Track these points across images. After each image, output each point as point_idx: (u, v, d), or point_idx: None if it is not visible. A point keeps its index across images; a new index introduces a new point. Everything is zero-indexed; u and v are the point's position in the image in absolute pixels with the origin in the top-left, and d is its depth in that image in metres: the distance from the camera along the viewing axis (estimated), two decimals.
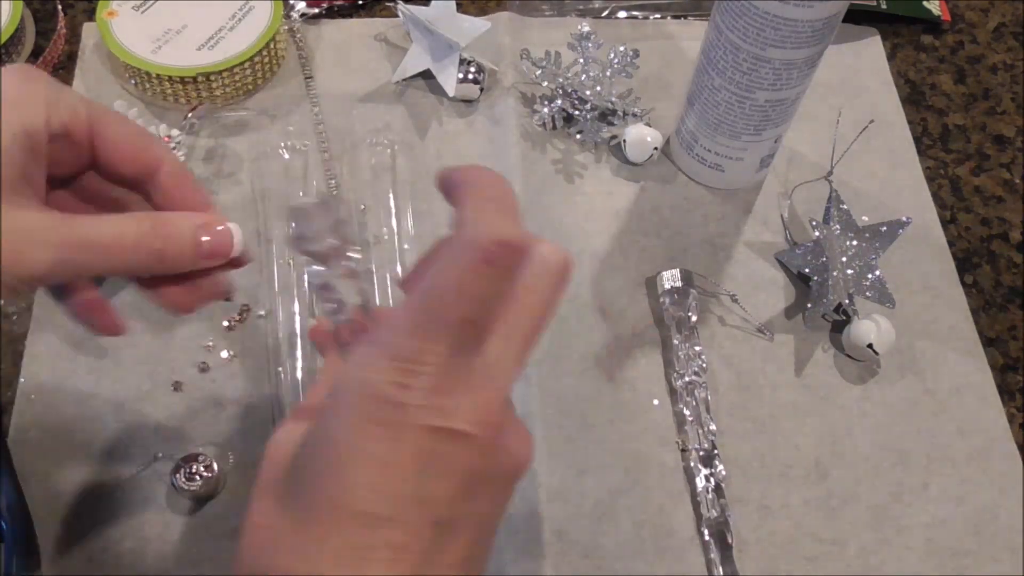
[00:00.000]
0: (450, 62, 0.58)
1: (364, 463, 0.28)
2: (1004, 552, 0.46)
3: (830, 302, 0.51)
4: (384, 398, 0.28)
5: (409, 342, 0.28)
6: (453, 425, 0.28)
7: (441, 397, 0.28)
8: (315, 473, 0.28)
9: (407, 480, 0.28)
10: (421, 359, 0.28)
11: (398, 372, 0.28)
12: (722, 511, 0.46)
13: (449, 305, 0.28)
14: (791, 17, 0.46)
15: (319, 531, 0.28)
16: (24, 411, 0.47)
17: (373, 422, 0.28)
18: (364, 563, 0.28)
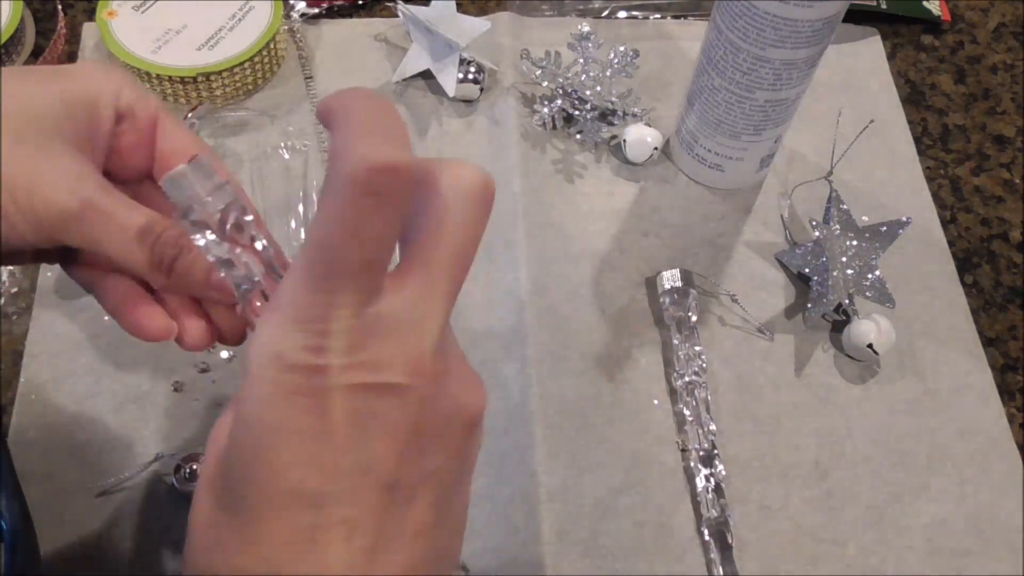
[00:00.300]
0: (450, 62, 0.58)
1: (293, 440, 0.25)
2: (1004, 552, 0.46)
3: (830, 302, 0.51)
4: (300, 366, 0.25)
5: (312, 299, 0.25)
6: (382, 379, 0.26)
7: (362, 352, 0.25)
8: (244, 461, 0.26)
9: (344, 448, 0.26)
10: (329, 315, 0.25)
11: (309, 335, 0.25)
12: (722, 511, 0.46)
13: (342, 250, 0.25)
14: (791, 17, 0.46)
15: (260, 521, 0.26)
16: (24, 411, 0.47)
17: (294, 394, 0.25)
18: (316, 546, 0.26)
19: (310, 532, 0.26)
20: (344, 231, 0.24)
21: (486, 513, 0.45)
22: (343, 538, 0.26)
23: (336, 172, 0.24)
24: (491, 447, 0.47)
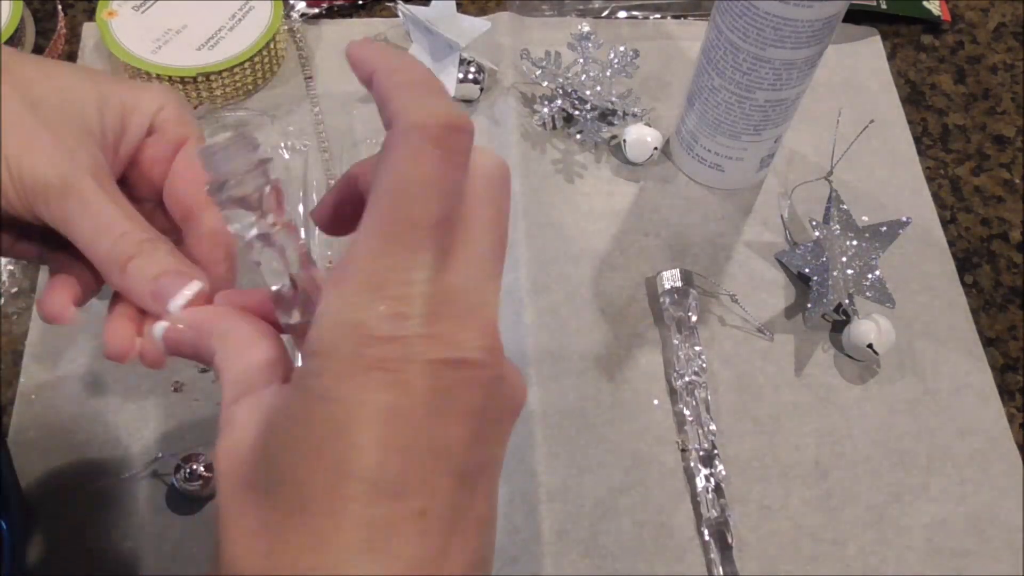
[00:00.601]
0: (450, 62, 0.58)
1: (370, 417, 0.23)
2: (1004, 552, 0.46)
3: (830, 302, 0.51)
4: (380, 337, 0.23)
5: (390, 260, 0.24)
6: (462, 355, 0.24)
7: (440, 323, 0.24)
8: (309, 443, 0.24)
9: (423, 429, 0.24)
10: (410, 277, 0.24)
11: (390, 300, 0.24)
12: (722, 511, 0.46)
13: (420, 203, 0.24)
14: (791, 17, 0.46)
15: (333, 515, 0.23)
16: (24, 411, 0.47)
17: (372, 367, 0.23)
18: (392, 541, 0.23)
19: (389, 524, 0.23)
20: (421, 183, 0.24)
21: None
22: (419, 532, 0.24)
23: (404, 128, 0.24)
24: None
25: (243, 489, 0.25)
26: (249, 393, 0.27)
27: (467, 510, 0.25)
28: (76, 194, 0.31)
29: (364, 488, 0.23)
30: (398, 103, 0.25)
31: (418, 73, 0.26)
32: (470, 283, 0.25)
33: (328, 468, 0.23)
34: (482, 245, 0.26)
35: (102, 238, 0.31)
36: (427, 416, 0.24)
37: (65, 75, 0.33)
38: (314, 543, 0.23)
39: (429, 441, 0.24)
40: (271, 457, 0.25)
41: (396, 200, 0.24)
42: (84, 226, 0.31)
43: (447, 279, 0.25)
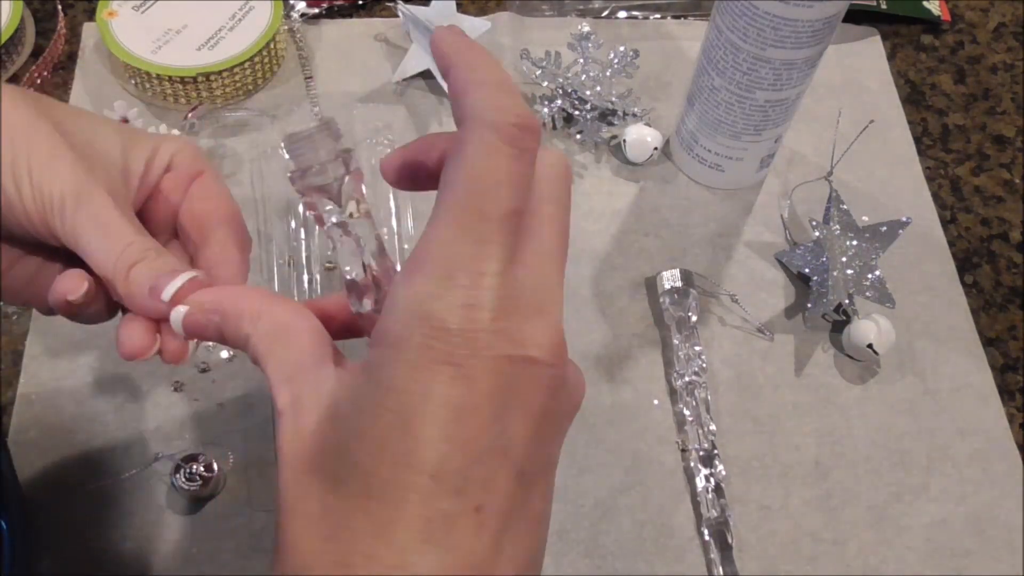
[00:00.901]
0: None
1: (436, 411, 0.24)
2: (1004, 552, 0.46)
3: (830, 302, 0.51)
4: (449, 328, 0.24)
5: (462, 249, 0.24)
6: (528, 352, 0.25)
7: (508, 319, 0.24)
8: (376, 433, 0.24)
9: (486, 426, 0.24)
10: (479, 268, 0.24)
11: (460, 290, 0.24)
12: (722, 511, 0.46)
13: (492, 196, 0.25)
14: (791, 17, 0.46)
15: (398, 503, 0.24)
16: (24, 411, 0.47)
17: (440, 360, 0.24)
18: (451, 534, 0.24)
19: (448, 518, 0.24)
20: (493, 177, 0.25)
21: None
22: (475, 527, 0.24)
23: (478, 125, 0.25)
24: None
25: (307, 475, 0.25)
26: (300, 376, 0.27)
27: (523, 508, 0.26)
28: (89, 205, 0.31)
29: (426, 481, 0.24)
30: (473, 100, 0.26)
31: (494, 72, 0.27)
32: (537, 279, 0.26)
33: (392, 459, 0.24)
34: (548, 242, 0.27)
35: (110, 248, 0.31)
36: (491, 413, 0.24)
37: (93, 119, 0.35)
38: (374, 530, 0.24)
39: (492, 439, 0.24)
40: (337, 445, 0.25)
41: (468, 193, 0.25)
42: (94, 236, 0.31)
43: (516, 274, 0.25)
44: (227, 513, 0.45)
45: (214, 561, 0.44)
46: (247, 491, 0.45)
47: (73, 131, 0.33)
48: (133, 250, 0.31)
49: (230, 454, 0.46)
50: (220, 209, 0.35)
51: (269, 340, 0.29)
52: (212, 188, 0.36)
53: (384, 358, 0.25)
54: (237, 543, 0.44)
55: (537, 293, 0.26)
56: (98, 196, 0.32)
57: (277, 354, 0.28)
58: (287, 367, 0.28)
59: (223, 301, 0.30)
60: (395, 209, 0.54)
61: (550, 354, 0.25)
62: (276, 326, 0.29)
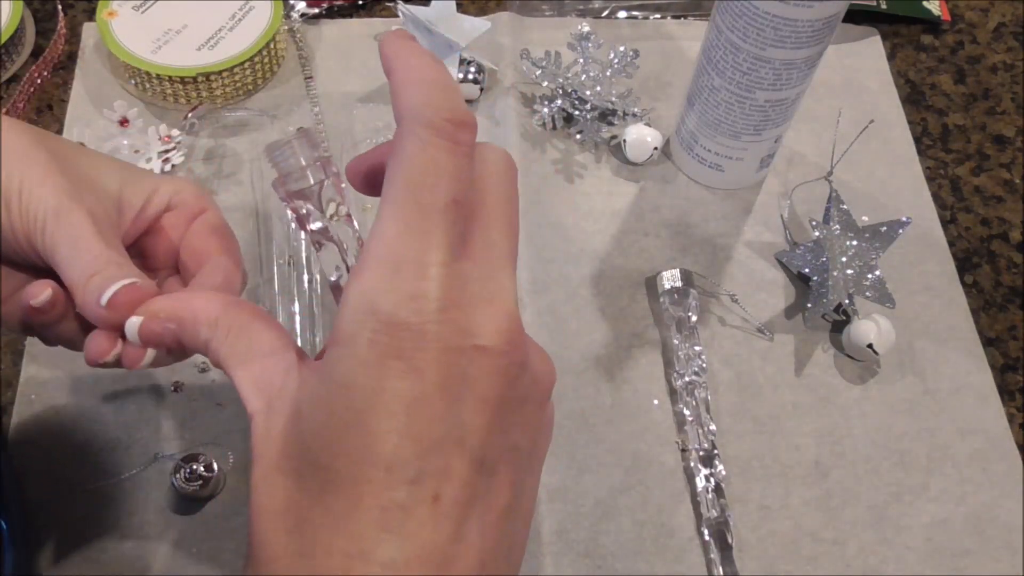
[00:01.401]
0: (450, 62, 0.58)
1: (388, 405, 0.24)
2: (1004, 552, 0.46)
3: (830, 302, 0.51)
4: (397, 322, 0.24)
5: (403, 245, 0.25)
6: (478, 341, 0.25)
7: (456, 310, 0.25)
8: (332, 430, 0.25)
9: (438, 417, 0.25)
10: (424, 259, 0.25)
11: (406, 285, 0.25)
12: (722, 511, 0.46)
13: (429, 188, 0.25)
14: (791, 17, 0.46)
15: (354, 496, 0.25)
16: (24, 411, 0.47)
17: (390, 354, 0.24)
18: (408, 523, 0.25)
19: (403, 508, 0.25)
20: (429, 169, 0.25)
21: None
22: (432, 516, 0.25)
23: (411, 122, 0.26)
24: None
25: (273, 472, 0.26)
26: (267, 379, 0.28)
27: (485, 498, 0.26)
28: (67, 222, 0.32)
29: (381, 473, 0.24)
30: (407, 98, 0.27)
31: (430, 71, 0.27)
32: (485, 271, 0.26)
33: (348, 453, 0.25)
34: (495, 234, 0.27)
35: (78, 259, 0.32)
36: (443, 404, 0.25)
37: (98, 156, 0.36)
38: (334, 522, 0.25)
39: (445, 429, 0.25)
40: (298, 443, 0.26)
41: (407, 187, 0.25)
42: (67, 250, 0.32)
43: (462, 265, 0.26)
44: (227, 513, 0.45)
45: (214, 561, 0.44)
46: (247, 491, 0.45)
47: (70, 161, 0.34)
48: (96, 262, 0.32)
49: (230, 454, 0.46)
50: (219, 244, 0.37)
51: (230, 344, 0.29)
52: (213, 225, 0.37)
53: (337, 356, 0.25)
54: (237, 543, 0.44)
55: (487, 284, 0.26)
56: (77, 214, 0.33)
57: (240, 357, 0.29)
58: (253, 370, 0.29)
59: (178, 309, 0.31)
60: None
61: (502, 342, 0.26)
62: (235, 329, 0.30)
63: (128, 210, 0.36)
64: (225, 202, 0.54)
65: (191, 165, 0.55)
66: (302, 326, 0.50)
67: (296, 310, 0.50)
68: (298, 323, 0.50)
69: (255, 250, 0.53)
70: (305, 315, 0.50)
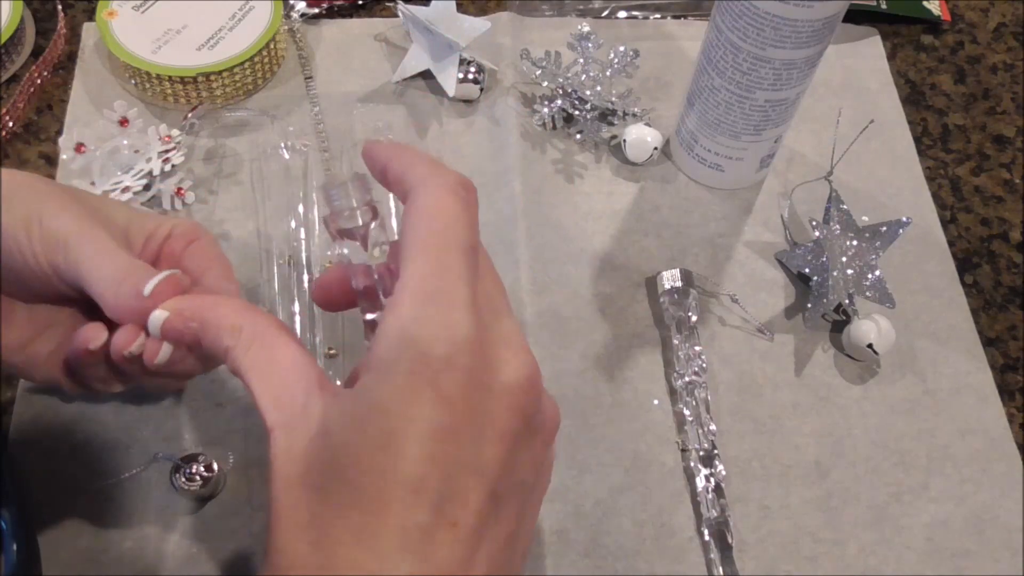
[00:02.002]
0: (450, 62, 0.58)
1: (419, 431, 0.26)
2: (1004, 552, 0.46)
3: (830, 302, 0.51)
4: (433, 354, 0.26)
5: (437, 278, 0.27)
6: (502, 378, 0.27)
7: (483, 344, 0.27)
8: (363, 450, 0.26)
9: (463, 447, 0.26)
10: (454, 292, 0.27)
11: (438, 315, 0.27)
12: (722, 511, 0.46)
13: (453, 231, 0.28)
14: (791, 17, 0.46)
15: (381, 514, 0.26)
16: (24, 411, 0.47)
17: (424, 383, 0.26)
18: (428, 546, 0.26)
19: (424, 530, 0.26)
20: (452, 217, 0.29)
21: None
22: (450, 540, 0.26)
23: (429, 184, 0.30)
24: None
25: (298, 486, 0.27)
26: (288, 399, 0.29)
27: (495, 527, 0.27)
28: (90, 240, 0.35)
29: (407, 495, 0.26)
30: (418, 172, 0.30)
31: (426, 155, 0.31)
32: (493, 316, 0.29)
33: (378, 473, 0.26)
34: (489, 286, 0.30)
35: (106, 268, 0.34)
36: (468, 434, 0.26)
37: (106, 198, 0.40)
38: (357, 538, 0.26)
39: (469, 459, 0.26)
40: (327, 460, 0.27)
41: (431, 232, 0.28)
42: (93, 264, 0.34)
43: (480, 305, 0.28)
44: (227, 513, 0.45)
45: (214, 561, 0.44)
46: (247, 491, 0.45)
47: (81, 198, 0.37)
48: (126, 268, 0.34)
49: (230, 454, 0.46)
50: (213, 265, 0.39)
51: (252, 355, 0.31)
52: (207, 250, 0.39)
53: (373, 382, 0.27)
54: (237, 543, 0.44)
55: (500, 327, 0.29)
56: (97, 231, 0.35)
57: (260, 370, 0.30)
58: (272, 384, 0.30)
59: (204, 310, 0.33)
60: (395, 209, 0.54)
61: (523, 379, 0.28)
62: (258, 340, 0.31)
63: (133, 244, 0.38)
64: (225, 202, 0.54)
65: (191, 165, 0.55)
66: (302, 326, 0.50)
67: (296, 310, 0.50)
68: (298, 323, 0.50)
69: (255, 250, 0.53)
70: (305, 315, 0.50)
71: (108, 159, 0.53)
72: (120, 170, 0.52)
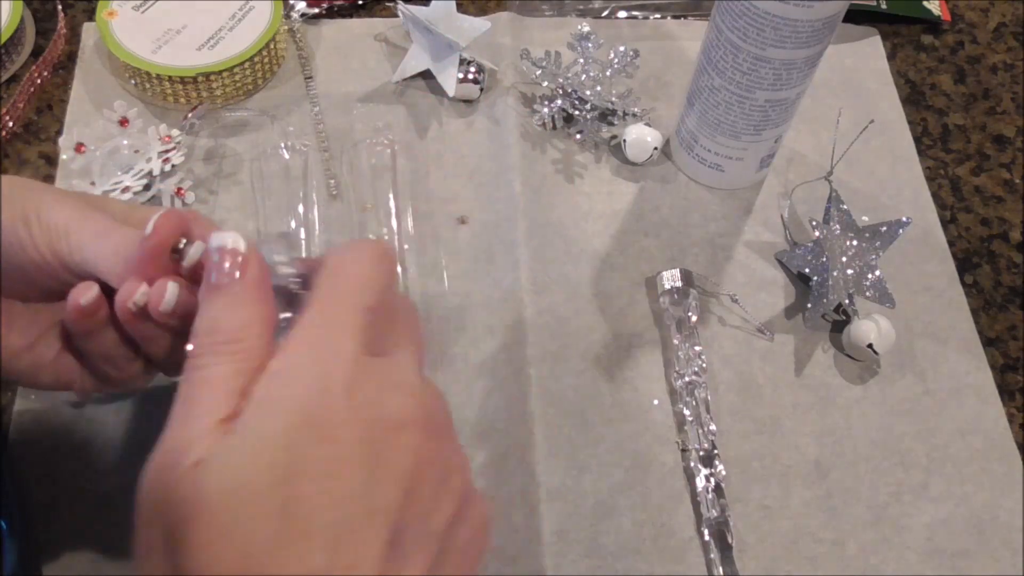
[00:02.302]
0: (450, 62, 0.58)
1: (308, 473, 0.25)
2: (1004, 552, 0.46)
3: (830, 302, 0.51)
4: (311, 399, 0.26)
5: (325, 333, 0.28)
6: (390, 417, 0.27)
7: (367, 392, 0.27)
8: (253, 494, 0.25)
9: (355, 486, 0.26)
10: (340, 347, 0.28)
11: (318, 367, 0.27)
12: (722, 511, 0.46)
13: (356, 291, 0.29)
14: (791, 17, 0.46)
15: (274, 561, 0.25)
16: (24, 411, 0.47)
17: (312, 424, 0.26)
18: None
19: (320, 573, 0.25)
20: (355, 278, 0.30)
21: None
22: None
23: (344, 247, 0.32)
24: (491, 447, 0.47)
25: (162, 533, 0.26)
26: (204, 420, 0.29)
27: (399, 572, 0.26)
28: (91, 220, 0.35)
29: (299, 536, 0.25)
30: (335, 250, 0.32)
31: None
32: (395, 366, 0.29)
33: (270, 515, 0.25)
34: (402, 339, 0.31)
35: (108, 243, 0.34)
36: (360, 473, 0.26)
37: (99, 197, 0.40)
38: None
39: (360, 498, 0.26)
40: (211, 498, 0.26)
41: (333, 285, 0.30)
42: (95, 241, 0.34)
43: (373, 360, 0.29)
44: None
45: None
46: None
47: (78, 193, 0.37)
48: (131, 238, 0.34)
49: None
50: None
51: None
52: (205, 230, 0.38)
53: (253, 421, 0.27)
54: None
55: (395, 375, 0.29)
56: (98, 215, 0.35)
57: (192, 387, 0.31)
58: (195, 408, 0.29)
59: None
60: (395, 209, 0.54)
61: (411, 420, 0.28)
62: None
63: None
64: (225, 202, 0.54)
65: (191, 165, 0.55)
66: None
67: None
68: None
69: None
70: None
71: (108, 159, 0.53)
72: (120, 170, 0.52)
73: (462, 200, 0.56)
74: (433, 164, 0.57)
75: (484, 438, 0.48)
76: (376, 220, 0.54)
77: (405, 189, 0.56)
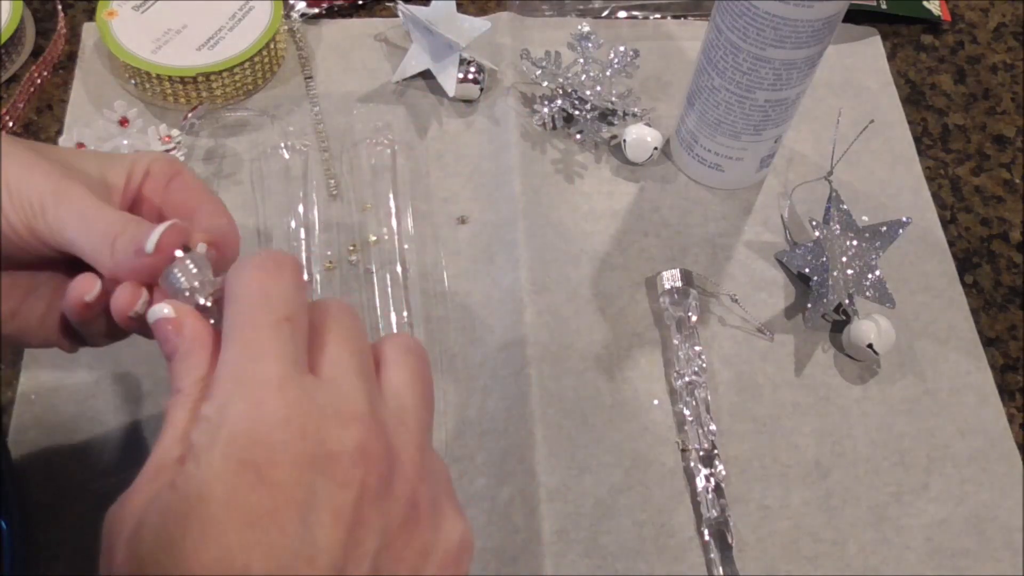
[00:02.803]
0: (450, 62, 0.58)
1: (237, 518, 0.24)
2: (1004, 552, 0.46)
3: (830, 302, 0.51)
4: (245, 436, 0.25)
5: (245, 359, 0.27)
6: (329, 449, 0.26)
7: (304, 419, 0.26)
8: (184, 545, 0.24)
9: (291, 532, 0.25)
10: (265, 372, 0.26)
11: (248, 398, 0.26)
12: (722, 511, 0.46)
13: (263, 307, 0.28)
14: (791, 17, 0.46)
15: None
16: (24, 411, 0.47)
17: (240, 468, 0.25)
18: None
19: None
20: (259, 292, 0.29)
21: (486, 513, 0.45)
22: None
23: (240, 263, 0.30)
24: (491, 447, 0.47)
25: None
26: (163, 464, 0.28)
27: None
28: (68, 199, 0.33)
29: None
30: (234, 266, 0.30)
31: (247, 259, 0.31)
32: (333, 385, 0.27)
33: (203, 568, 0.24)
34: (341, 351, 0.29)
35: (93, 229, 0.32)
36: (295, 517, 0.25)
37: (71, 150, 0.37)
38: None
39: (297, 544, 0.25)
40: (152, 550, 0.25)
41: (238, 311, 0.28)
42: (77, 224, 0.32)
43: (305, 379, 0.27)
44: None
45: None
46: None
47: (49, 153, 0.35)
48: (116, 224, 0.33)
49: None
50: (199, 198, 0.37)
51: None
52: (189, 184, 0.37)
53: (190, 471, 0.25)
54: None
55: (335, 396, 0.27)
56: (76, 189, 0.33)
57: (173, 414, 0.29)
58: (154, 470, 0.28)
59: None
60: (395, 209, 0.54)
61: (353, 450, 0.26)
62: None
63: (112, 191, 0.36)
64: (225, 202, 0.53)
65: (191, 165, 0.55)
66: None
67: None
68: None
69: (255, 250, 0.52)
70: None
71: None
72: None
73: (462, 200, 0.56)
74: (433, 164, 0.57)
75: (484, 438, 0.48)
76: (376, 220, 0.54)
77: (405, 189, 0.56)
